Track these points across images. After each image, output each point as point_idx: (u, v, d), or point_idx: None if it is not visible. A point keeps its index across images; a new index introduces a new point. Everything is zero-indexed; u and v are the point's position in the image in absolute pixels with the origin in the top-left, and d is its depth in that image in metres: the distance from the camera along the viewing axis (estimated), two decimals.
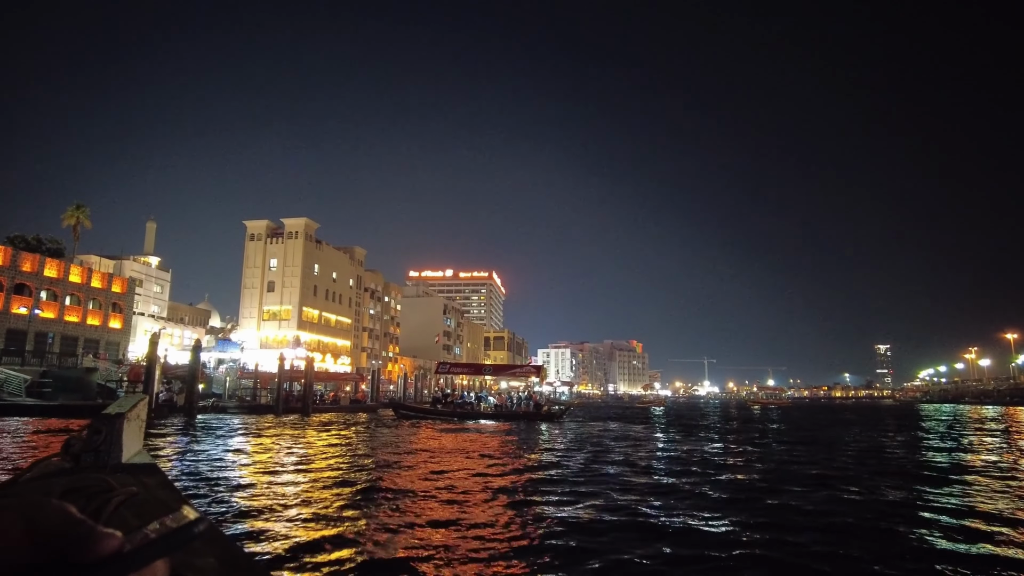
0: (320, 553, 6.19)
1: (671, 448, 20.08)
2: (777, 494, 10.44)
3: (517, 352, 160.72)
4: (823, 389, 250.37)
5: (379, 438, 22.22)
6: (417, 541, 6.82)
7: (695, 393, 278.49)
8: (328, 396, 38.87)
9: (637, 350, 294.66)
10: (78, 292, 43.36)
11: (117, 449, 1.69)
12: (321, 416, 33.47)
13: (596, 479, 12.16)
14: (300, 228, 74.12)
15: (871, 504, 9.70)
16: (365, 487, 10.40)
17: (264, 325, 72.18)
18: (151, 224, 74.62)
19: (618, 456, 16.89)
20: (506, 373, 48.63)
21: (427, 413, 35.61)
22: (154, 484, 1.53)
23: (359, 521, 7.78)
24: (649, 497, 10.02)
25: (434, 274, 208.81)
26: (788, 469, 14.30)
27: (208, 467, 12.83)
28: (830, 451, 19.42)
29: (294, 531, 7.13)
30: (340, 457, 15.52)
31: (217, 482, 10.75)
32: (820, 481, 12.18)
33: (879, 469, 14.50)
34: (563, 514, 8.50)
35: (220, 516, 7.85)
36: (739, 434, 27.96)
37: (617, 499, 9.73)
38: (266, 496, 9.45)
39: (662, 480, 12.16)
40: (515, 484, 11.21)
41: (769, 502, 9.73)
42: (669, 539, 7.20)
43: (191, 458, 14.48)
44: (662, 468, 14.35)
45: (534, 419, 34.45)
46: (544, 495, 10.14)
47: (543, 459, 15.93)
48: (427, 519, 7.95)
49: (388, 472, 12.76)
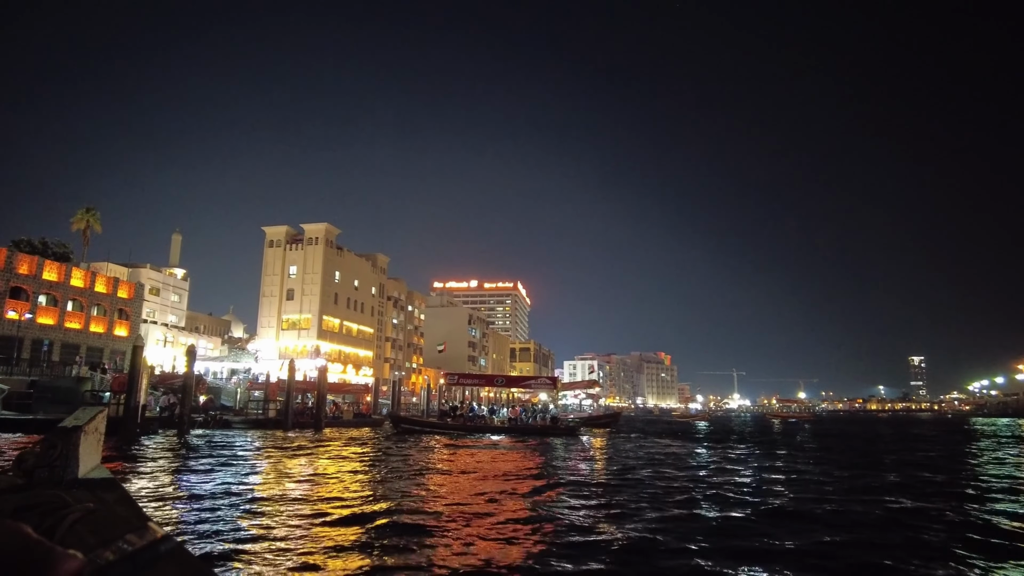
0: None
1: (806, 481, 15.63)
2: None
3: (543, 364, 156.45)
4: (858, 402, 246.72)
5: (387, 462, 18.38)
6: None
7: (726, 406, 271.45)
8: (330, 410, 35.21)
9: (666, 362, 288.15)
10: (80, 297, 40.52)
11: (73, 464, 1.61)
12: (324, 432, 29.84)
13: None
14: (320, 234, 71.37)
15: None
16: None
17: (283, 335, 69.40)
18: (176, 236, 73.17)
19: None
20: (520, 384, 46.30)
21: (433, 427, 33.14)
22: (113, 500, 1.47)
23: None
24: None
25: (458, 285, 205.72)
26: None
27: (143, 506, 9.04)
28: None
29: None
30: (346, 498, 11.67)
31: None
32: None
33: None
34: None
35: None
36: (839, 454, 23.53)
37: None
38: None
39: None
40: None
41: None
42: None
43: (135, 492, 10.75)
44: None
45: (550, 434, 32.03)
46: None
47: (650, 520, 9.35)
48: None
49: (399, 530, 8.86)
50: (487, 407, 42.74)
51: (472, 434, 31.44)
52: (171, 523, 8.20)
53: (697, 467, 18.04)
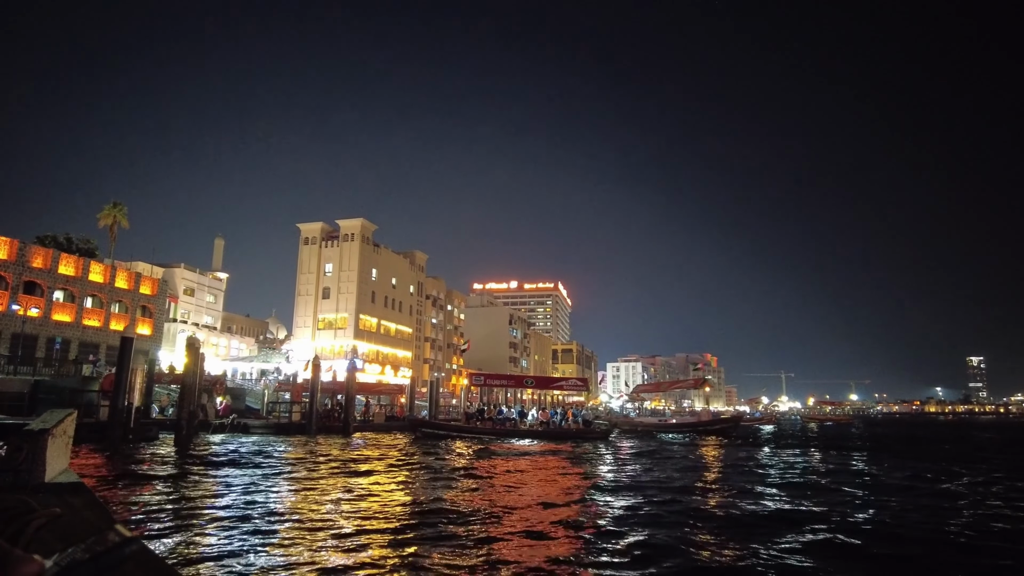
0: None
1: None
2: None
3: (586, 365, 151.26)
4: (915, 404, 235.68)
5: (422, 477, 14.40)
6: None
7: (775, 409, 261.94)
8: (360, 412, 31.74)
9: (712, 364, 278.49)
10: (99, 293, 38.08)
11: (40, 468, 1.56)
12: (352, 437, 26.29)
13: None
14: (356, 229, 68.58)
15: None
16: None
17: (319, 335, 66.87)
18: (219, 241, 71.92)
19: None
20: (552, 386, 43.47)
21: (460, 431, 31.09)
22: (80, 504, 1.41)
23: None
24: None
25: (498, 286, 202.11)
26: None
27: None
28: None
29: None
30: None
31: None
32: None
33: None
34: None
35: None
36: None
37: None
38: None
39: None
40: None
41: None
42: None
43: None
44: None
45: (582, 438, 30.94)
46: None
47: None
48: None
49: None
50: (516, 409, 39.51)
51: (499, 438, 29.50)
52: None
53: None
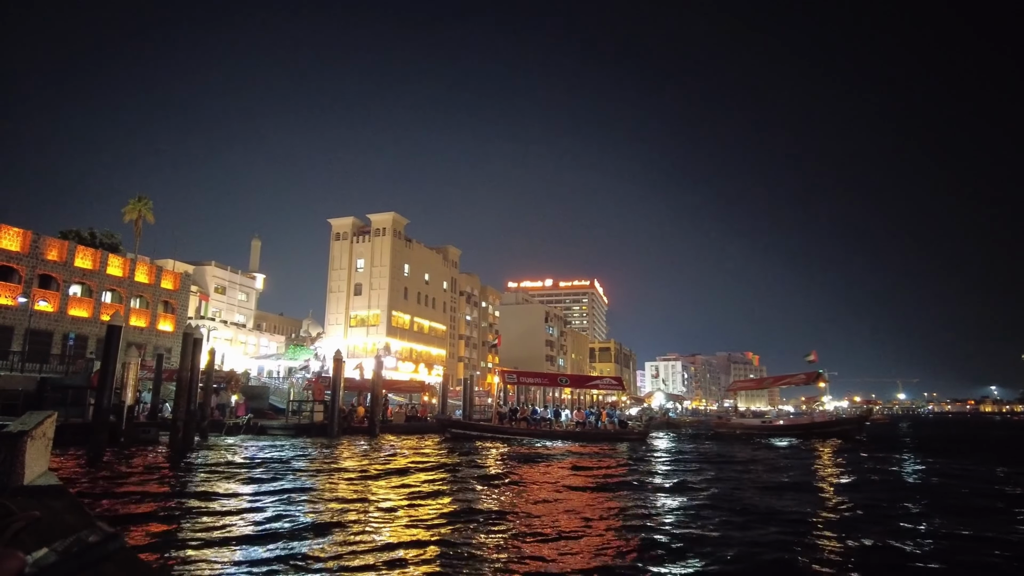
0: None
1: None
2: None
3: (625, 364, 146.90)
4: (969, 403, 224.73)
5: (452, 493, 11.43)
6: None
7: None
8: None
9: (754, 362, 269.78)
10: (119, 287, 36.48)
11: (18, 471, 1.54)
12: (359, 439, 23.61)
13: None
14: (388, 224, 66.44)
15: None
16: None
17: (351, 332, 64.96)
18: (256, 242, 71.44)
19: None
20: (586, 385, 40.96)
21: (493, 432, 29.65)
22: (61, 508, 1.39)
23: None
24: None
25: (533, 284, 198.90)
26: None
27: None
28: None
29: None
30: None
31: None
32: None
33: None
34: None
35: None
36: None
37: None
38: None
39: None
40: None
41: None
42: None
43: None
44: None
45: (619, 439, 29.81)
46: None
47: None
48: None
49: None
50: (551, 408, 37.28)
51: (533, 440, 28.01)
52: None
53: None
